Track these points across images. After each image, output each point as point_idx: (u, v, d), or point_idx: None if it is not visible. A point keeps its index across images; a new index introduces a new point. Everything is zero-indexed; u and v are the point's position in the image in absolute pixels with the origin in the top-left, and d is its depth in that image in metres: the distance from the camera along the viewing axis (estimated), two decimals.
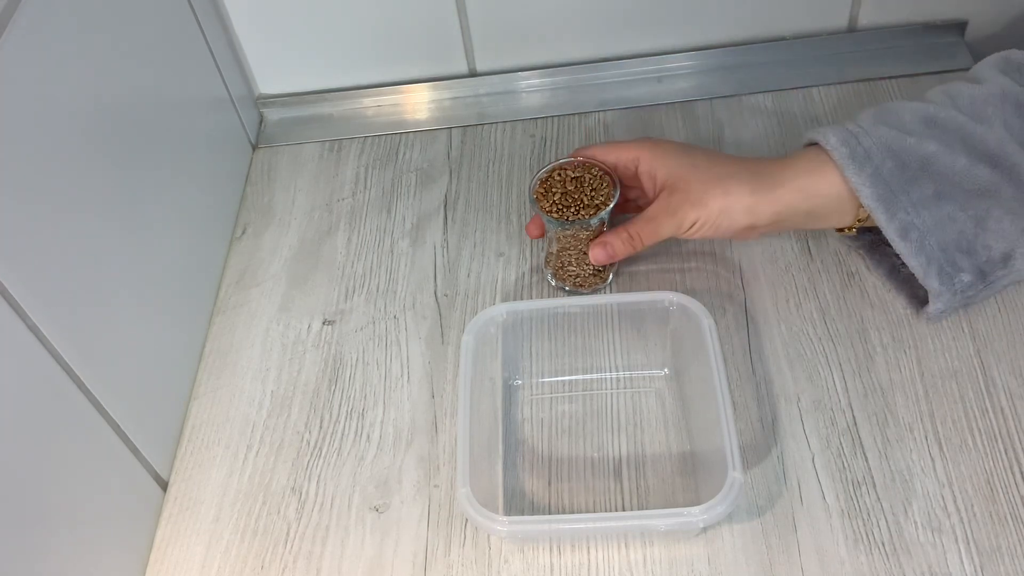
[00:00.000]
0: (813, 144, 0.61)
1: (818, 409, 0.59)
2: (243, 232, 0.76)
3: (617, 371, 0.63)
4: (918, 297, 0.62)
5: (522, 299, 0.68)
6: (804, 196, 0.59)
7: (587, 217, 0.62)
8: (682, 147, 0.63)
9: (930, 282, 0.58)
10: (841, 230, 0.63)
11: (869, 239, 0.65)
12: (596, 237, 0.63)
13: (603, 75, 0.83)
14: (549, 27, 0.80)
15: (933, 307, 0.60)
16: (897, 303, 0.63)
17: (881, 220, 0.57)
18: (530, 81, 0.83)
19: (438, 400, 0.63)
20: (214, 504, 0.60)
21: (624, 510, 0.57)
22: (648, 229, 0.62)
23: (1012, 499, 0.54)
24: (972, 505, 0.54)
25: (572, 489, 0.58)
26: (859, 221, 0.61)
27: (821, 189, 0.59)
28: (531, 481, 0.59)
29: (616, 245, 0.62)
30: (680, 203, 0.60)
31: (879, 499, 0.55)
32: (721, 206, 0.59)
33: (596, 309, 0.62)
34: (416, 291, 0.70)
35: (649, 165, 0.62)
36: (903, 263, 0.63)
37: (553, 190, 0.63)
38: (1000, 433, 0.57)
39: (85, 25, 0.57)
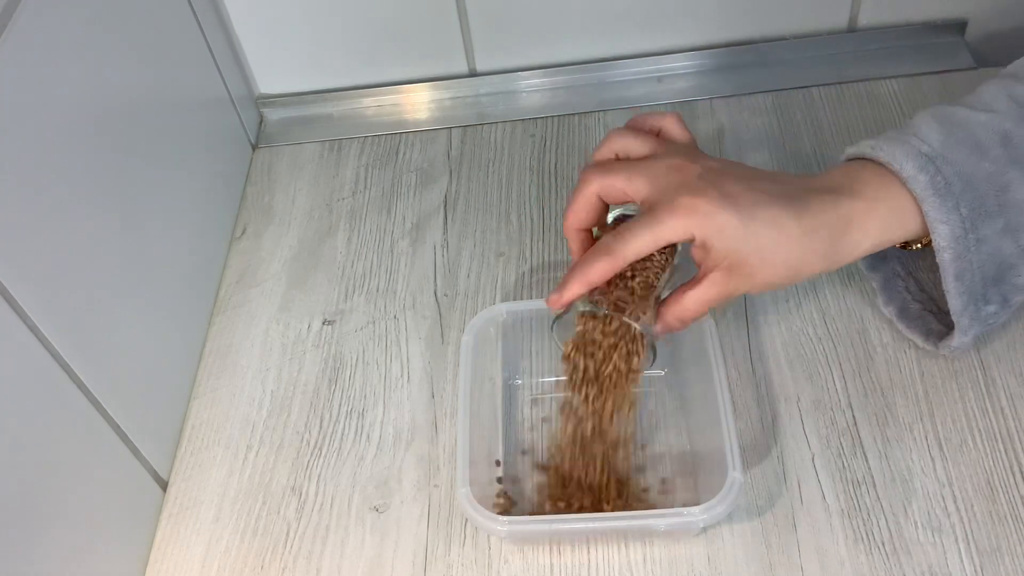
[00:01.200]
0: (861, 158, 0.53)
1: (818, 409, 0.59)
2: (243, 232, 0.76)
3: None
4: (932, 331, 0.59)
5: (522, 299, 0.68)
6: (883, 243, 0.52)
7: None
8: (739, 217, 0.49)
9: (963, 320, 0.54)
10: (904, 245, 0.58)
11: (884, 273, 0.62)
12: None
13: (603, 75, 0.83)
14: (549, 27, 0.80)
15: (958, 341, 0.55)
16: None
17: (946, 260, 0.51)
18: (530, 81, 0.83)
19: (438, 400, 0.63)
20: (214, 504, 0.60)
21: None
22: (702, 311, 0.53)
23: (1012, 499, 0.54)
24: (972, 505, 0.54)
25: None
26: (920, 244, 0.55)
27: (898, 230, 0.52)
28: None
29: (668, 328, 0.53)
30: (742, 285, 0.51)
31: (879, 499, 0.55)
32: (788, 281, 0.51)
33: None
34: (416, 291, 0.70)
35: (705, 242, 0.50)
36: (914, 299, 0.61)
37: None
38: (1000, 433, 0.57)
39: (85, 25, 0.57)
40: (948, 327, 0.57)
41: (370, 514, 0.58)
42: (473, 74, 0.84)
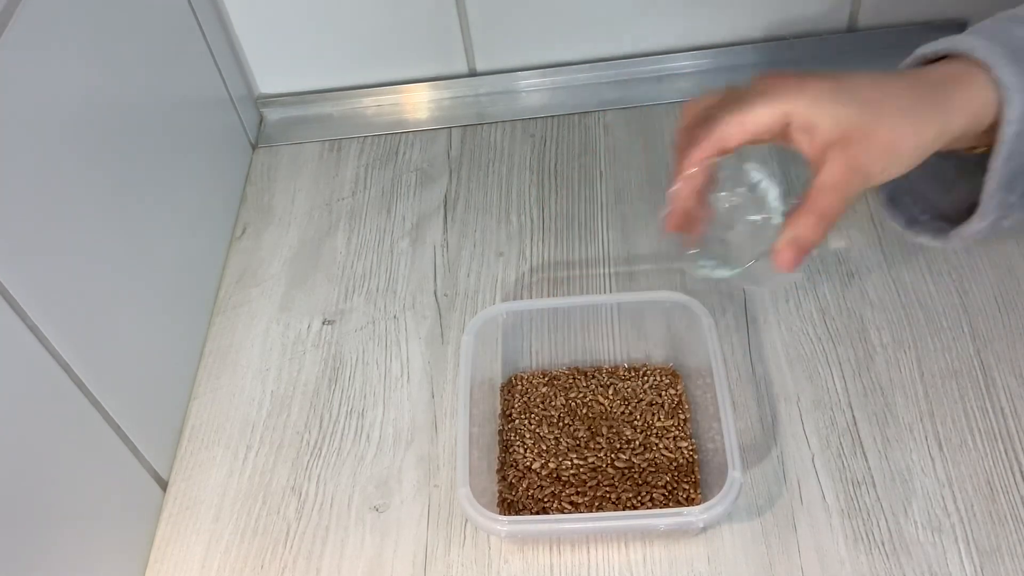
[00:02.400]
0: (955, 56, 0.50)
1: (818, 409, 0.59)
2: (243, 232, 0.76)
3: None
4: (942, 232, 0.56)
5: (522, 299, 0.68)
6: (968, 125, 0.49)
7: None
8: (831, 83, 0.49)
9: (990, 203, 0.51)
10: (971, 149, 0.54)
11: (889, 190, 0.58)
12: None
13: (603, 75, 0.83)
14: (549, 27, 0.80)
15: (977, 226, 0.52)
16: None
17: (1008, 135, 0.49)
18: (530, 81, 0.83)
19: (438, 400, 0.63)
20: (214, 504, 0.60)
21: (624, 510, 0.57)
22: (838, 200, 0.48)
23: (1012, 499, 0.54)
24: (972, 505, 0.54)
25: None
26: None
27: (981, 113, 0.49)
28: None
29: (808, 238, 0.48)
30: (862, 153, 0.48)
31: (879, 499, 0.55)
32: (913, 144, 0.49)
33: (596, 309, 0.62)
34: (416, 291, 0.70)
35: (805, 119, 0.49)
36: (923, 211, 0.57)
37: None
38: (1000, 433, 0.57)
39: (85, 25, 0.57)
40: (933, 219, 0.56)
41: (370, 514, 0.58)
42: (473, 74, 0.84)
